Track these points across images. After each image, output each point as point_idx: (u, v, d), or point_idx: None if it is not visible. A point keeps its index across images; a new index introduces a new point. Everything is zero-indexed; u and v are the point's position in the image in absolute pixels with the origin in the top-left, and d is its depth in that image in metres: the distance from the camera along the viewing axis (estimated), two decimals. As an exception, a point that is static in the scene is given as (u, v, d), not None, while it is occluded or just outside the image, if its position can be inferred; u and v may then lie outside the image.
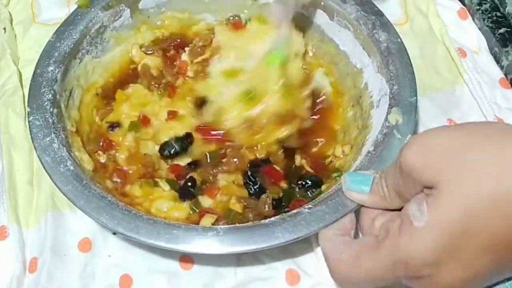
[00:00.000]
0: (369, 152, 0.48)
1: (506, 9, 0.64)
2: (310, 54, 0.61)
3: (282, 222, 0.44)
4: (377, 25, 0.55)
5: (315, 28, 0.60)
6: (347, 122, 0.57)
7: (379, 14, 0.56)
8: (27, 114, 0.51)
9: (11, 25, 0.66)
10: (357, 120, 0.55)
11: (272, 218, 0.45)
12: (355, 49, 0.57)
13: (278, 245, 0.43)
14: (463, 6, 0.67)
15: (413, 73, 0.52)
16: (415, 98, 0.50)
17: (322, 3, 0.58)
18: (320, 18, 0.59)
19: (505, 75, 0.62)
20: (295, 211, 0.45)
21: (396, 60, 0.53)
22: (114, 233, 0.52)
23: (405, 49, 0.54)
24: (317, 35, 0.60)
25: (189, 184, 0.52)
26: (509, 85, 0.61)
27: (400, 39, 0.54)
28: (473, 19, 0.66)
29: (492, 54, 0.64)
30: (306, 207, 0.45)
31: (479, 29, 0.65)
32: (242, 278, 0.50)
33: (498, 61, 0.63)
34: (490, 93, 0.60)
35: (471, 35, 0.65)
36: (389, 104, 0.50)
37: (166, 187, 0.52)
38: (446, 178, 0.34)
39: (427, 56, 0.63)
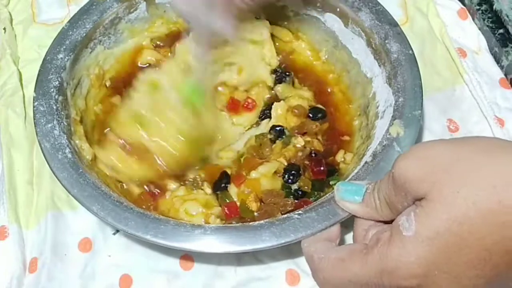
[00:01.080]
0: (366, 162, 0.48)
1: (501, 14, 0.64)
2: (323, 59, 0.61)
3: (271, 225, 0.44)
4: (389, 35, 0.54)
5: (329, 34, 0.60)
6: (352, 130, 0.56)
7: (393, 24, 0.55)
8: (32, 99, 0.51)
9: (11, 25, 0.66)
10: (362, 130, 0.55)
11: (261, 221, 0.45)
12: (367, 58, 0.56)
13: (263, 249, 0.43)
14: (463, 6, 0.67)
15: (421, 86, 0.51)
16: (419, 111, 0.49)
17: (338, 10, 0.58)
18: (335, 24, 0.59)
19: (505, 75, 0.62)
20: (284, 216, 0.45)
21: (405, 72, 0.52)
22: (114, 233, 0.52)
23: (416, 61, 0.53)
24: (331, 41, 0.60)
25: (224, 178, 0.53)
26: (509, 85, 0.61)
27: (412, 51, 0.53)
28: (473, 19, 0.66)
29: (492, 54, 0.64)
30: (296, 212, 0.45)
31: (479, 29, 0.65)
32: (242, 277, 0.50)
33: (498, 61, 0.63)
34: (490, 93, 0.60)
35: (471, 35, 0.65)
36: (392, 116, 0.50)
37: (208, 190, 0.52)
38: (437, 189, 0.34)
39: (427, 56, 0.63)
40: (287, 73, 0.60)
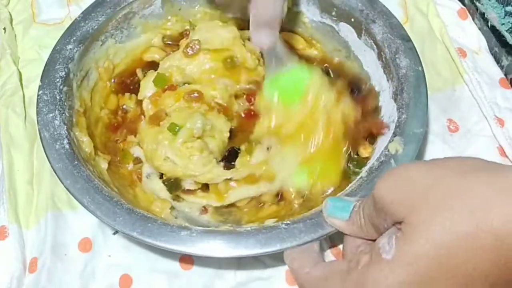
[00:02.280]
0: (361, 177, 0.48)
1: (489, 23, 0.64)
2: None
3: (257, 233, 0.44)
4: (400, 50, 0.54)
5: (342, 44, 0.59)
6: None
7: (406, 39, 0.54)
8: (38, 87, 0.52)
9: (11, 25, 0.66)
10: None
11: (248, 228, 0.45)
12: (377, 71, 0.56)
13: (246, 256, 0.44)
14: (463, 6, 0.67)
15: (426, 104, 0.50)
16: (421, 130, 0.49)
17: (352, 20, 0.57)
18: (349, 34, 0.58)
19: (505, 75, 0.62)
20: (272, 224, 0.45)
21: (411, 88, 0.51)
22: (114, 233, 0.52)
23: (424, 79, 0.52)
24: (344, 51, 0.60)
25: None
26: (509, 85, 0.61)
27: (422, 67, 0.53)
28: (473, 19, 0.66)
29: (492, 54, 0.64)
30: (284, 222, 0.45)
31: (479, 29, 0.65)
32: (242, 278, 0.50)
33: (498, 61, 0.63)
34: (490, 93, 0.60)
35: (471, 35, 0.65)
36: (393, 133, 0.49)
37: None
38: (415, 213, 0.34)
39: (427, 56, 0.63)
40: None
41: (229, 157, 0.53)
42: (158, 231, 0.44)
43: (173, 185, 0.52)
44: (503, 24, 0.61)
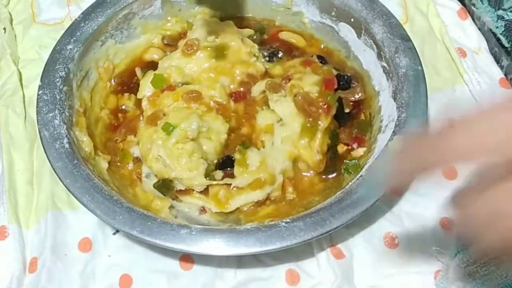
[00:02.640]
0: (361, 176, 0.48)
1: (485, 26, 0.64)
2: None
3: (257, 231, 0.44)
4: (400, 49, 0.54)
5: (342, 44, 0.60)
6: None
7: (405, 38, 0.55)
8: (38, 87, 0.52)
9: (11, 25, 0.66)
10: (366, 142, 0.55)
11: (248, 226, 0.45)
12: (377, 71, 0.56)
13: (246, 255, 0.44)
14: (463, 6, 0.67)
15: (426, 103, 0.51)
16: (421, 129, 0.49)
17: (352, 20, 0.58)
18: (348, 34, 0.59)
19: (505, 75, 0.62)
20: (272, 222, 0.45)
21: (411, 87, 0.51)
22: (114, 233, 0.52)
23: (424, 78, 0.52)
24: (343, 51, 0.60)
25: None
26: (509, 85, 0.61)
27: (421, 67, 0.53)
28: (473, 19, 0.66)
29: (492, 54, 0.64)
30: (284, 220, 0.45)
31: (479, 29, 0.65)
32: (242, 278, 0.50)
33: (498, 61, 0.63)
34: (490, 93, 0.60)
35: (471, 35, 0.65)
36: (393, 131, 0.49)
37: None
38: None
39: (427, 56, 0.63)
40: (274, 52, 0.60)
41: (225, 164, 0.53)
42: (158, 230, 0.44)
43: (163, 186, 0.52)
44: (497, 27, 0.61)
